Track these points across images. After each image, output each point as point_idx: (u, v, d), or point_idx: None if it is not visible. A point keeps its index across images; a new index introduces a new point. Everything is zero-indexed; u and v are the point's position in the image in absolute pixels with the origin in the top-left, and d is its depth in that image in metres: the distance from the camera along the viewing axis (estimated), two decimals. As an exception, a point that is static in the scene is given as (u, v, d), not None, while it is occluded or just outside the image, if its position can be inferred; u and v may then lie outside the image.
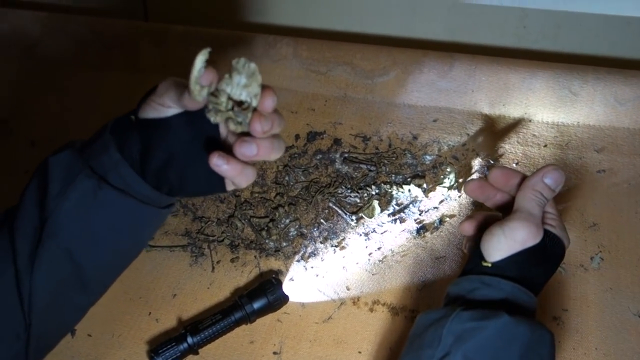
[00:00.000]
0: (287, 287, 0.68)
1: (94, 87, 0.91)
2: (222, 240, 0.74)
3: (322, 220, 0.74)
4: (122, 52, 0.93)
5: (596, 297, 0.65)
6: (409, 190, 0.75)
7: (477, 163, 0.77)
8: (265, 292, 0.65)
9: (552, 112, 0.81)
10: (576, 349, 0.62)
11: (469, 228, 0.59)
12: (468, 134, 0.80)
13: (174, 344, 0.62)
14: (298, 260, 0.72)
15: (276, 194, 0.77)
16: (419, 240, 0.72)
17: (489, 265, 0.54)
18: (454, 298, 0.55)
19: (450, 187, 0.75)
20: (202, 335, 0.63)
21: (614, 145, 0.77)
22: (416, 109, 0.84)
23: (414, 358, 0.52)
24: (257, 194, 0.77)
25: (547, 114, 0.81)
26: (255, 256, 0.72)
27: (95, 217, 0.51)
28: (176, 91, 0.48)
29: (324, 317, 0.67)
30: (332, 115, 0.84)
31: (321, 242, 0.73)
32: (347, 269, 0.70)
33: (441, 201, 0.74)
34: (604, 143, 0.78)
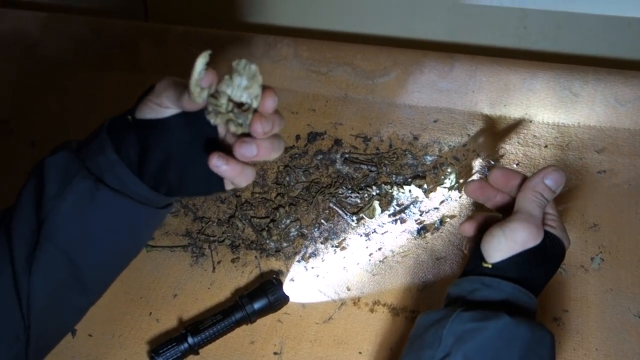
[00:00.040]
0: (287, 288, 0.68)
1: (94, 87, 0.91)
2: (223, 241, 0.74)
3: (322, 220, 0.74)
4: (122, 52, 0.93)
5: (596, 297, 0.65)
6: (409, 190, 0.75)
7: (477, 164, 0.77)
8: (266, 292, 0.65)
9: (552, 113, 0.81)
10: (576, 349, 0.62)
11: (469, 229, 0.59)
12: (469, 135, 0.80)
13: (174, 344, 0.62)
14: (299, 261, 0.72)
15: (277, 195, 0.77)
16: (419, 241, 0.72)
17: (490, 266, 0.54)
18: (455, 299, 0.55)
19: (450, 188, 0.75)
20: (203, 336, 0.63)
21: (614, 146, 0.77)
22: (417, 110, 0.84)
23: (415, 358, 0.52)
24: (257, 195, 0.77)
25: (547, 114, 0.81)
26: (255, 256, 0.72)
27: (92, 218, 0.50)
28: (175, 91, 0.48)
29: (325, 317, 0.67)
30: (333, 115, 0.84)
31: (322, 243, 0.73)
32: (348, 269, 0.70)
33: (442, 202, 0.74)
34: (605, 144, 0.78)
